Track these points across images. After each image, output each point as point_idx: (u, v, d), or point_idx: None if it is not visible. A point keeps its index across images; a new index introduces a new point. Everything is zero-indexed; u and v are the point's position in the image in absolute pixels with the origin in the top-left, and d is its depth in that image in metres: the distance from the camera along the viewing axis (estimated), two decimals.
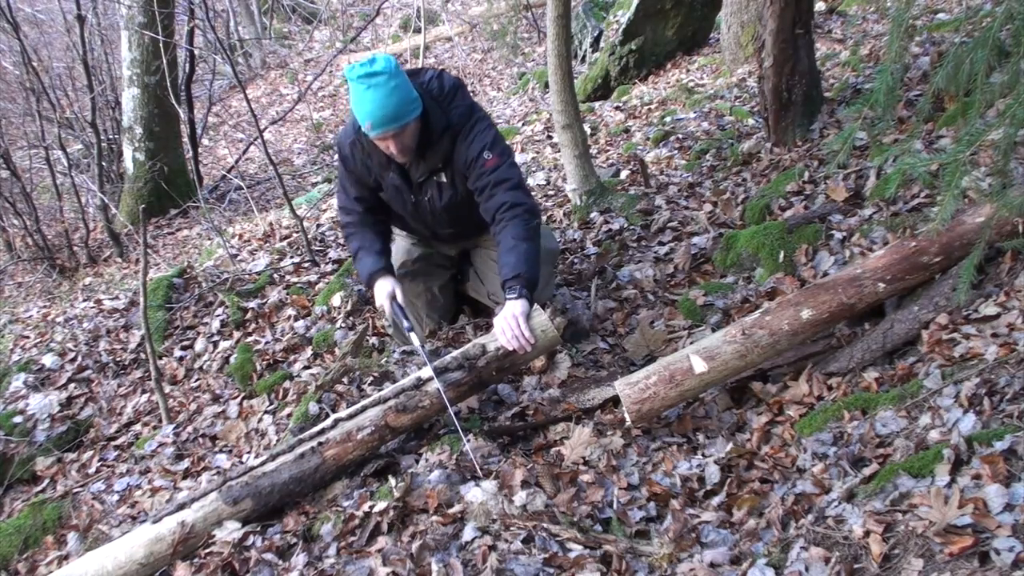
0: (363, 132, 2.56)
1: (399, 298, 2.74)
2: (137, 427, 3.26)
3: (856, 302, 2.40)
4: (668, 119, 5.00)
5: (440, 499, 2.12)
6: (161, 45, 6.04)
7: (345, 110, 10.51)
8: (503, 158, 2.64)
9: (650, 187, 4.02)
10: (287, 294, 3.73)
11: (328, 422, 2.32)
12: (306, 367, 3.19)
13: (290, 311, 3.60)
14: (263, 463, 2.26)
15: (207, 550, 2.18)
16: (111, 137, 7.71)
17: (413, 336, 2.59)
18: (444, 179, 2.74)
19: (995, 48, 1.88)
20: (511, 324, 2.41)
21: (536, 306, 2.52)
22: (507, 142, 2.81)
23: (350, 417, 2.32)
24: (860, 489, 1.88)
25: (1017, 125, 1.89)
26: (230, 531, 2.19)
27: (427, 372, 2.38)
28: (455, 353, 2.45)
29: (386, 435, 2.35)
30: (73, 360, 3.64)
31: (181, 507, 2.21)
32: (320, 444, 2.27)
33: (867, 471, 1.93)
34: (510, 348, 2.41)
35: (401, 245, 3.14)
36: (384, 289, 2.75)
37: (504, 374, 2.58)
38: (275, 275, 3.94)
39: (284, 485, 2.24)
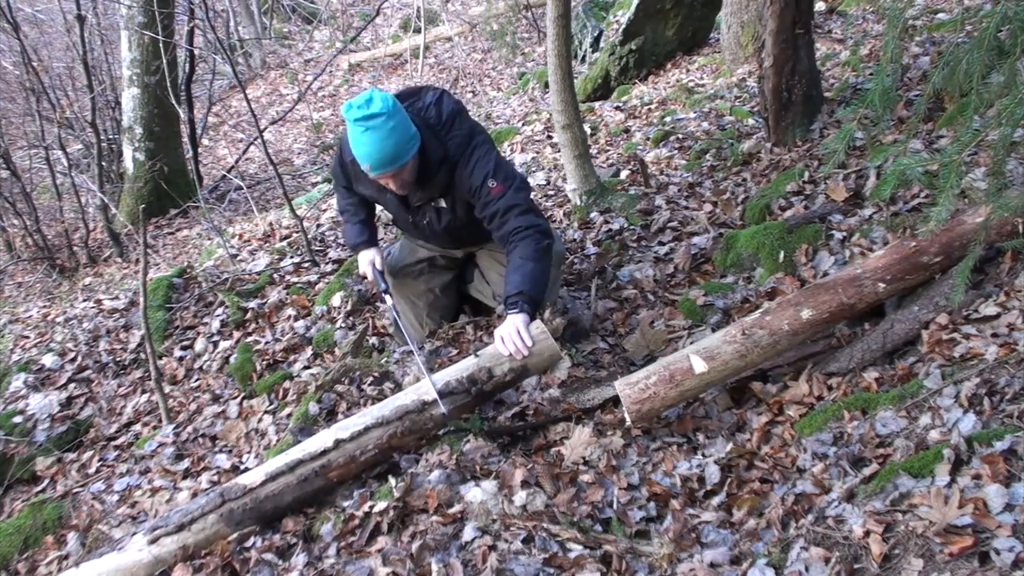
0: None
1: (378, 264, 2.92)
2: (137, 427, 3.27)
3: (856, 302, 2.40)
4: (668, 119, 5.00)
5: (440, 499, 2.12)
6: (161, 45, 6.04)
7: None
8: (508, 183, 2.62)
9: (650, 187, 4.02)
10: (287, 294, 3.73)
11: (330, 442, 2.24)
12: (306, 367, 3.19)
13: (290, 311, 3.60)
14: (264, 483, 2.20)
15: (207, 550, 2.18)
16: (111, 137, 7.71)
17: (388, 298, 2.77)
18: (443, 204, 2.75)
19: (993, 48, 1.88)
20: (512, 336, 2.40)
21: (537, 320, 2.50)
22: (509, 163, 2.82)
23: (352, 438, 2.26)
24: (860, 489, 1.88)
25: (1014, 125, 1.89)
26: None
27: (430, 392, 2.34)
28: (461, 376, 2.39)
29: (389, 455, 2.34)
30: (73, 360, 3.65)
31: (180, 528, 2.16)
32: (323, 467, 2.23)
33: (867, 471, 1.93)
34: (510, 355, 2.40)
35: (406, 245, 3.15)
36: (367, 257, 2.96)
37: (508, 388, 2.57)
38: (275, 275, 3.94)
39: (287, 506, 2.23)
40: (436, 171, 2.63)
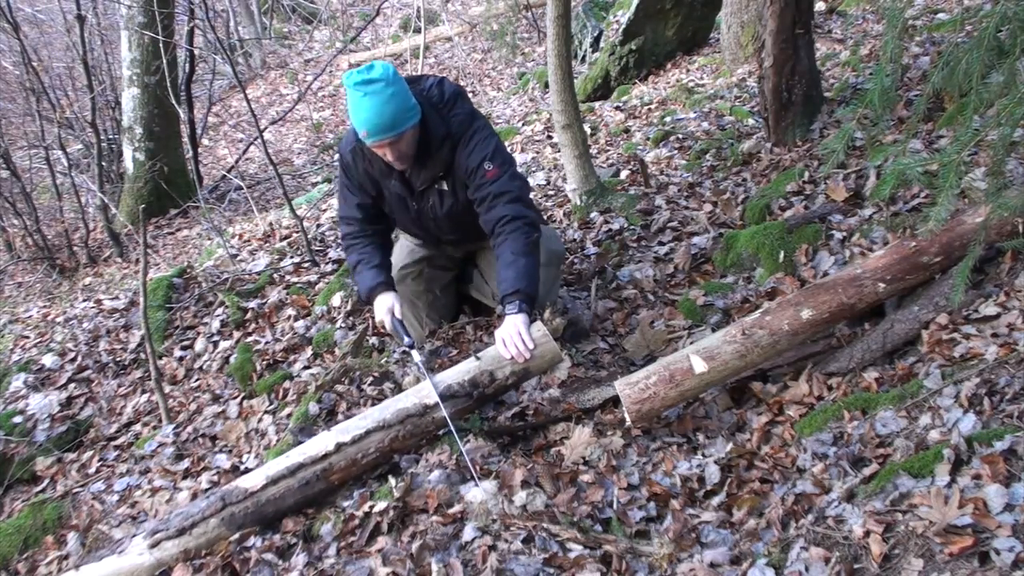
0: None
1: (398, 312, 2.69)
2: (137, 427, 3.26)
3: (856, 302, 2.40)
4: (668, 119, 5.00)
5: (440, 499, 2.12)
6: (161, 45, 6.04)
7: (345, 110, 10.50)
8: (504, 169, 2.62)
9: (650, 187, 4.02)
10: (287, 294, 3.73)
11: (331, 445, 2.24)
12: (306, 367, 3.19)
13: (290, 311, 3.60)
14: (265, 486, 2.20)
15: (207, 551, 2.18)
16: (111, 137, 7.71)
17: (415, 354, 2.53)
18: (445, 187, 2.74)
19: (992, 48, 1.88)
20: (514, 339, 2.39)
21: (538, 322, 2.50)
22: (508, 150, 2.79)
23: (354, 442, 2.25)
24: (860, 489, 1.88)
25: (1013, 124, 1.89)
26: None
27: (431, 395, 2.33)
28: (462, 379, 2.38)
29: (390, 457, 2.34)
30: (73, 360, 3.64)
31: (181, 532, 2.16)
32: (324, 471, 2.23)
33: (867, 471, 1.93)
34: (512, 358, 2.39)
35: (404, 245, 3.14)
36: (384, 304, 2.71)
37: (509, 390, 2.57)
38: (275, 275, 3.94)
39: (289, 508, 2.23)
40: (439, 147, 2.61)
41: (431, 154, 2.62)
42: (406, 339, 2.56)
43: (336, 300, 3.52)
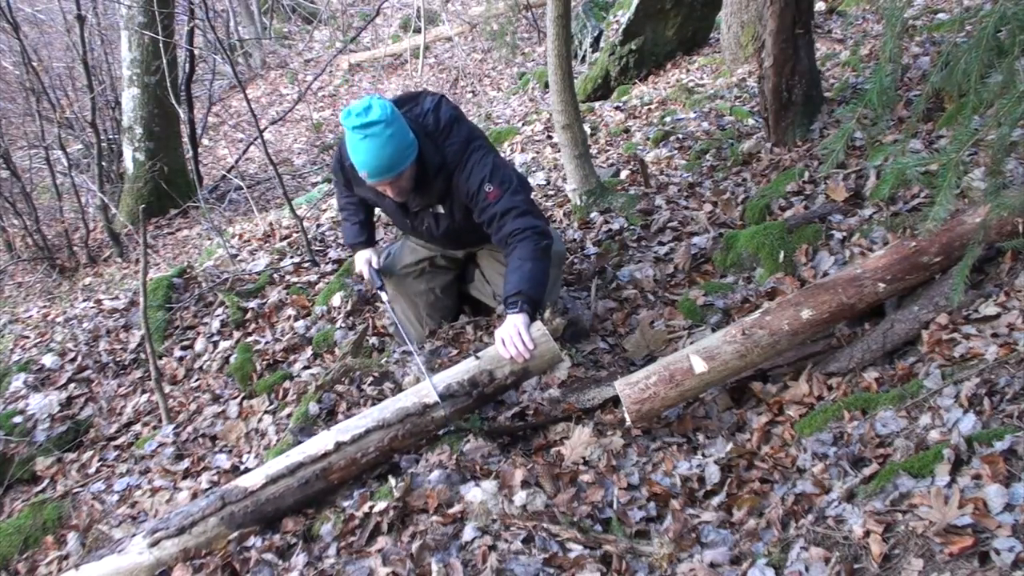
0: None
1: (375, 263, 2.98)
2: (137, 427, 3.26)
3: (856, 302, 2.40)
4: (668, 119, 5.00)
5: (440, 499, 2.12)
6: (161, 45, 6.04)
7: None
8: (504, 187, 2.62)
9: (650, 187, 4.02)
10: (287, 294, 3.73)
11: (331, 445, 2.23)
12: (306, 367, 3.19)
13: (290, 311, 3.60)
14: (264, 485, 2.19)
15: (207, 550, 2.18)
16: (111, 137, 7.71)
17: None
18: (441, 210, 2.76)
19: (991, 48, 1.88)
20: (514, 339, 2.39)
21: (538, 322, 2.50)
22: (507, 163, 2.82)
23: (353, 441, 2.25)
24: (860, 489, 1.88)
25: (1012, 124, 1.89)
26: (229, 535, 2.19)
27: (431, 394, 2.33)
28: (462, 378, 2.38)
29: (390, 456, 2.34)
30: (73, 360, 3.65)
31: (181, 531, 2.15)
32: (324, 470, 2.22)
33: (867, 471, 1.93)
34: (512, 357, 2.39)
35: (406, 245, 3.15)
36: (363, 256, 3.03)
37: (509, 390, 2.57)
38: (275, 275, 3.94)
39: (288, 508, 2.23)
40: (434, 178, 2.64)
41: (427, 184, 2.65)
42: (377, 281, 2.92)
43: (336, 300, 3.52)
